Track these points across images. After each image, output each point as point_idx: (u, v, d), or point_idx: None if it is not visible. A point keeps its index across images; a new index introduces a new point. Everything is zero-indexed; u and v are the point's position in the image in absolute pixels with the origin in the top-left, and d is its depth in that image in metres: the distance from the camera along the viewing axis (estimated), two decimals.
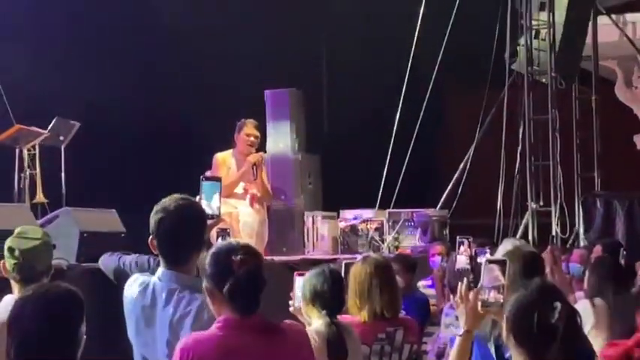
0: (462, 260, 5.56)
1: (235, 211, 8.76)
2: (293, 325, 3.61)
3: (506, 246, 4.67)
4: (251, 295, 3.33)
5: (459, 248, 5.61)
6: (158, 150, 12.21)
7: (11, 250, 4.42)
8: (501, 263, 3.71)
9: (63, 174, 10.64)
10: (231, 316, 3.30)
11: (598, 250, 6.84)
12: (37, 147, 10.39)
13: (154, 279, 3.82)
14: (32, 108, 11.06)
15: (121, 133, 12.28)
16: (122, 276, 5.04)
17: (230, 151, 8.85)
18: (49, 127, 10.36)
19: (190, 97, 11.34)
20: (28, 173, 10.25)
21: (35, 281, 4.41)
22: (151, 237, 3.84)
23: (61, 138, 10.58)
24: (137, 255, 5.31)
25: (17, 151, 10.14)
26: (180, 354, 3.25)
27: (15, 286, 4.45)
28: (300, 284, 4.52)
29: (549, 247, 6.59)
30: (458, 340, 3.78)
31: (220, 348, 3.27)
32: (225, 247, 3.40)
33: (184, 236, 3.82)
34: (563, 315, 3.01)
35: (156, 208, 3.85)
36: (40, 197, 10.38)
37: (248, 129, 8.82)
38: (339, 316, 4.45)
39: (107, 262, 5.39)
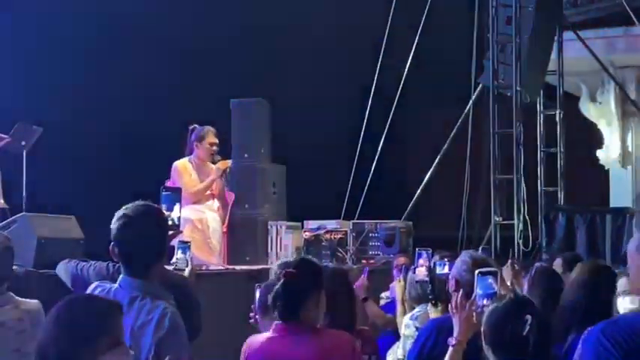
0: (421, 272, 5.56)
1: (205, 216, 8.77)
2: (339, 332, 4.10)
3: (463, 258, 4.69)
4: (288, 303, 3.89)
5: (418, 260, 5.61)
6: (122, 156, 12.14)
7: None
8: (493, 274, 3.91)
9: (24, 179, 10.54)
10: (279, 322, 3.91)
11: (558, 263, 6.85)
12: None
13: (115, 286, 3.78)
14: None
15: (84, 139, 12.20)
16: (80, 283, 5.02)
17: (187, 159, 8.85)
18: (10, 132, 10.26)
19: (155, 102, 11.28)
20: None
21: None
22: (112, 244, 3.80)
23: (23, 143, 10.48)
24: (95, 262, 5.29)
25: None
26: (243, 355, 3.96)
27: None
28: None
29: (509, 260, 6.59)
30: (451, 350, 3.88)
31: (266, 349, 3.90)
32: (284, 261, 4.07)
33: (145, 243, 3.79)
34: (534, 327, 3.15)
35: (117, 214, 3.81)
36: (0, 202, 10.27)
37: (210, 138, 8.87)
38: None
39: (65, 268, 5.35)
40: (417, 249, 5.68)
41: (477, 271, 3.94)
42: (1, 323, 4.31)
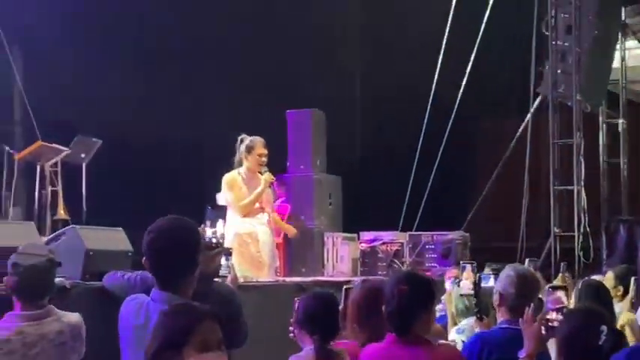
0: (465, 285, 5.50)
1: (254, 230, 8.76)
2: (448, 345, 4.30)
3: (507, 272, 4.63)
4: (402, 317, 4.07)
5: (462, 273, 5.55)
6: (178, 170, 12.23)
7: (15, 266, 4.42)
8: (563, 288, 3.99)
9: (84, 191, 10.69)
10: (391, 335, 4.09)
11: (610, 276, 6.72)
12: (59, 164, 10.45)
13: (149, 299, 3.80)
14: (57, 125, 11.13)
15: (142, 152, 12.33)
16: (129, 292, 5.06)
17: (237, 171, 8.80)
18: (70, 145, 10.41)
19: (212, 115, 11.36)
20: (49, 190, 10.31)
21: (38, 298, 4.42)
22: (144, 257, 3.82)
23: (83, 155, 10.63)
24: (142, 271, 5.33)
25: (38, 167, 10.20)
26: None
27: (17, 303, 4.45)
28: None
29: (560, 274, 6.50)
30: None
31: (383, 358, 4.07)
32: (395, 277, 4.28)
33: (176, 257, 3.80)
34: (609, 338, 3.21)
35: (149, 228, 3.84)
36: (61, 214, 10.43)
37: (259, 149, 8.79)
38: (335, 342, 4.39)
39: (111, 279, 5.41)
40: (461, 262, 5.61)
41: (547, 286, 3.99)
42: (43, 336, 4.36)
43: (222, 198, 8.77)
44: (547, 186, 11.75)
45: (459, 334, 5.60)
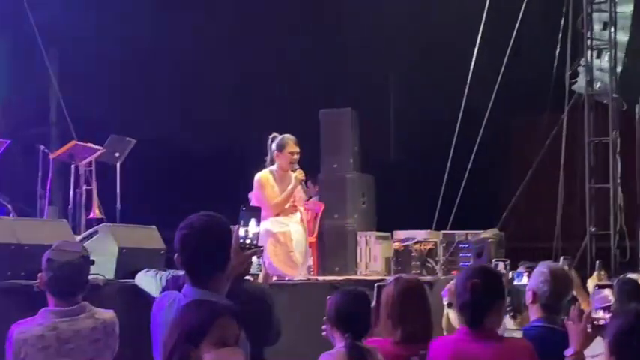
0: None
1: (287, 229, 8.75)
2: (517, 338, 4.31)
3: (540, 269, 4.59)
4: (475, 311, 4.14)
5: None
6: (210, 168, 12.27)
7: (50, 262, 4.45)
8: (610, 287, 3.99)
9: (118, 190, 10.74)
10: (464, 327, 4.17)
11: None
12: (93, 163, 10.51)
13: (180, 295, 3.79)
14: (91, 125, 11.20)
15: (176, 151, 12.38)
16: (160, 290, 5.08)
17: (268, 170, 8.79)
18: (104, 144, 10.47)
19: (246, 114, 11.40)
20: (84, 189, 10.37)
21: (71, 295, 4.44)
22: (176, 254, 3.82)
23: (117, 155, 10.68)
24: (173, 270, 5.34)
25: (73, 167, 10.26)
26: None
27: (51, 299, 4.47)
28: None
29: (596, 272, 6.42)
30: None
31: (455, 350, 4.12)
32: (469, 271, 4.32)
33: (209, 253, 3.77)
34: None
35: (181, 224, 3.82)
36: (95, 213, 10.49)
37: (291, 147, 8.77)
38: (367, 339, 4.38)
39: (144, 278, 5.43)
40: (493, 260, 5.57)
41: (594, 284, 3.96)
42: (76, 332, 4.39)
43: (254, 198, 8.77)
44: (582, 184, 11.64)
45: None
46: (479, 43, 11.90)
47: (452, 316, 6.36)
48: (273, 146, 8.78)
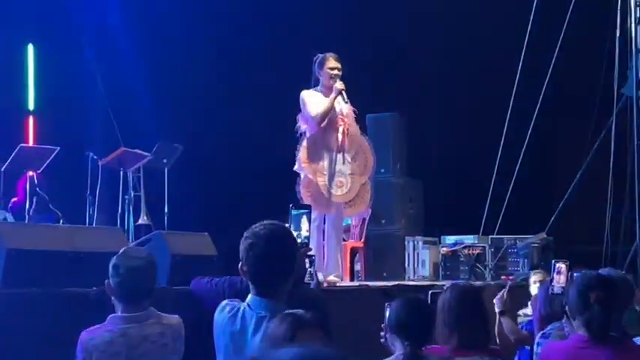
0: (556, 284, 5.36)
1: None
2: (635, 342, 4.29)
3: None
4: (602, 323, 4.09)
5: (554, 272, 5.40)
6: (257, 174, 12.27)
7: (116, 267, 4.47)
8: None
9: (166, 196, 10.79)
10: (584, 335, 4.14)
11: None
12: (141, 169, 10.57)
13: (244, 305, 3.78)
14: (139, 130, 11.26)
15: (224, 156, 12.41)
16: (214, 298, 5.08)
17: (313, 89, 8.51)
18: (152, 150, 10.52)
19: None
20: (132, 195, 10.43)
21: (138, 300, 4.46)
22: (240, 263, 3.80)
23: (165, 161, 10.73)
24: (229, 277, 5.34)
25: (122, 173, 10.33)
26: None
27: (118, 305, 4.50)
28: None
29: None
30: None
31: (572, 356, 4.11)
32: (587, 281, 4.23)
33: (274, 263, 3.76)
34: None
35: (246, 234, 3.80)
36: (144, 219, 10.56)
37: (330, 63, 8.45)
38: (426, 347, 4.35)
39: (198, 285, 5.44)
40: (553, 261, 5.47)
41: None
42: (145, 337, 4.41)
43: (301, 118, 8.49)
44: (632, 188, 11.51)
45: (543, 339, 5.48)
46: (526, 45, 11.82)
47: (505, 324, 6.32)
48: (316, 66, 8.52)
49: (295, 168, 8.48)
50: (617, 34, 11.72)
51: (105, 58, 12.34)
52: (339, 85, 8.38)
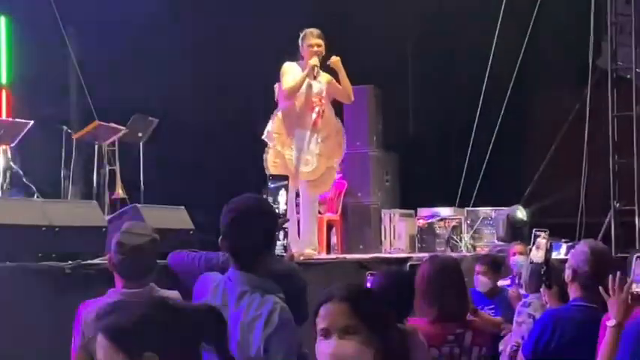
0: (536, 254, 5.37)
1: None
2: None
3: (582, 248, 4.55)
4: None
5: (534, 242, 5.41)
6: (236, 147, 12.21)
7: (120, 245, 4.45)
8: None
9: (141, 170, 10.74)
10: None
11: None
12: (116, 143, 10.51)
13: (225, 279, 3.77)
14: (113, 104, 11.17)
15: (198, 130, 12.34)
16: (191, 273, 5.07)
17: (296, 62, 8.55)
18: (127, 124, 10.45)
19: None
20: (107, 169, 10.37)
21: (141, 277, 4.44)
22: (221, 237, 3.78)
23: (140, 134, 10.67)
24: (206, 252, 5.33)
25: (96, 147, 10.26)
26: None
27: (119, 281, 4.48)
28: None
29: None
30: (610, 331, 3.82)
31: None
32: None
33: (256, 237, 3.73)
34: None
35: (226, 207, 3.75)
36: (119, 193, 10.50)
37: (309, 39, 8.49)
38: (407, 319, 4.36)
39: (176, 259, 5.42)
40: (534, 230, 5.47)
41: (635, 256, 3.90)
42: None
43: (278, 89, 8.53)
44: (606, 160, 11.55)
45: (524, 307, 5.52)
46: (502, 16, 11.81)
47: None
48: (299, 41, 8.56)
49: (264, 136, 8.47)
50: (592, 7, 11.74)
51: (79, 31, 12.23)
52: (312, 61, 8.41)
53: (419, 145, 12.98)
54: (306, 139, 8.44)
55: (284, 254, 5.72)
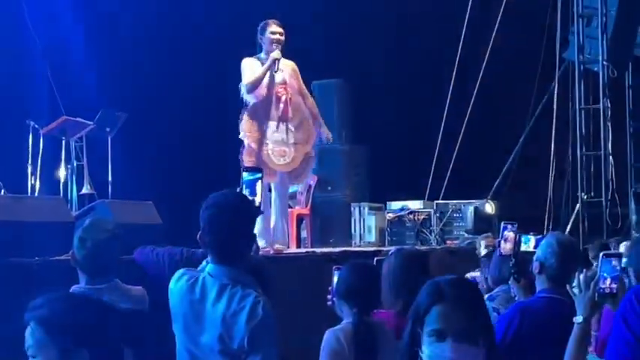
0: (505, 246, 5.39)
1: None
2: None
3: (549, 240, 4.57)
4: None
5: (502, 234, 5.43)
6: (205, 142, 12.19)
7: (82, 240, 4.42)
8: (618, 256, 3.90)
9: (110, 165, 10.67)
10: None
11: None
12: (84, 138, 10.43)
13: (204, 274, 3.77)
14: (81, 99, 11.10)
15: (167, 124, 12.29)
16: (156, 268, 5.07)
17: (256, 56, 8.41)
18: (95, 119, 10.38)
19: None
20: (75, 164, 10.29)
21: (104, 273, 4.42)
22: (200, 233, 3.78)
23: (108, 129, 10.59)
24: (169, 247, 5.33)
25: (64, 142, 10.18)
26: None
27: (83, 277, 4.45)
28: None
29: None
30: (577, 327, 3.81)
31: None
32: None
33: (237, 232, 3.76)
34: None
35: (206, 203, 3.77)
36: (87, 189, 10.42)
37: (271, 27, 8.35)
38: (374, 312, 4.37)
39: (142, 255, 5.42)
40: (502, 222, 5.49)
41: (602, 254, 3.91)
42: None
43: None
44: (574, 152, 11.64)
45: (490, 301, 5.54)
46: (470, 10, 11.86)
47: None
48: (259, 32, 8.42)
49: (240, 135, 8.45)
50: (559, 0, 11.81)
51: (45, 25, 12.12)
52: (274, 54, 8.30)
53: (388, 139, 12.99)
54: (278, 131, 8.38)
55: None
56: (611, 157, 11.47)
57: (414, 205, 10.94)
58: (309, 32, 12.52)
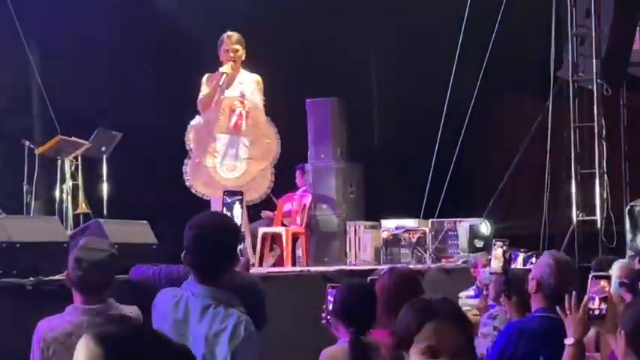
0: (495, 264, 5.40)
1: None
2: None
3: (546, 259, 4.57)
4: None
5: (492, 251, 5.43)
6: None
7: (78, 261, 4.42)
8: (607, 277, 3.91)
9: (105, 184, 10.67)
10: None
11: (636, 263, 6.60)
12: (79, 158, 10.44)
13: (188, 293, 3.78)
14: (76, 119, 11.11)
15: (162, 144, 12.28)
16: (152, 287, 5.06)
17: (219, 70, 8.26)
18: (90, 138, 10.39)
19: None
20: (70, 184, 10.30)
21: (99, 292, 4.43)
22: (184, 252, 3.80)
23: (103, 149, 10.61)
24: (165, 265, 5.33)
25: (59, 161, 10.19)
26: None
27: (77, 296, 4.45)
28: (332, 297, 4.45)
29: None
30: (568, 349, 3.82)
31: None
32: None
33: (220, 252, 3.79)
34: None
35: (190, 223, 3.81)
36: (82, 208, 10.43)
37: (224, 44, 8.23)
38: (369, 332, 4.37)
39: (137, 273, 5.42)
40: (494, 240, 5.50)
41: (591, 275, 3.91)
42: None
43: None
44: (569, 170, 11.65)
45: (490, 319, 5.54)
46: (465, 27, 11.88)
47: None
48: (218, 45, 8.31)
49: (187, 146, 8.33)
50: (553, 19, 11.84)
51: (40, 44, 12.14)
52: (222, 68, 8.16)
53: (383, 157, 13.02)
54: (229, 144, 8.20)
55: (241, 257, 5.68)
56: (605, 175, 11.47)
57: (410, 223, 10.93)
58: (303, 49, 12.58)
